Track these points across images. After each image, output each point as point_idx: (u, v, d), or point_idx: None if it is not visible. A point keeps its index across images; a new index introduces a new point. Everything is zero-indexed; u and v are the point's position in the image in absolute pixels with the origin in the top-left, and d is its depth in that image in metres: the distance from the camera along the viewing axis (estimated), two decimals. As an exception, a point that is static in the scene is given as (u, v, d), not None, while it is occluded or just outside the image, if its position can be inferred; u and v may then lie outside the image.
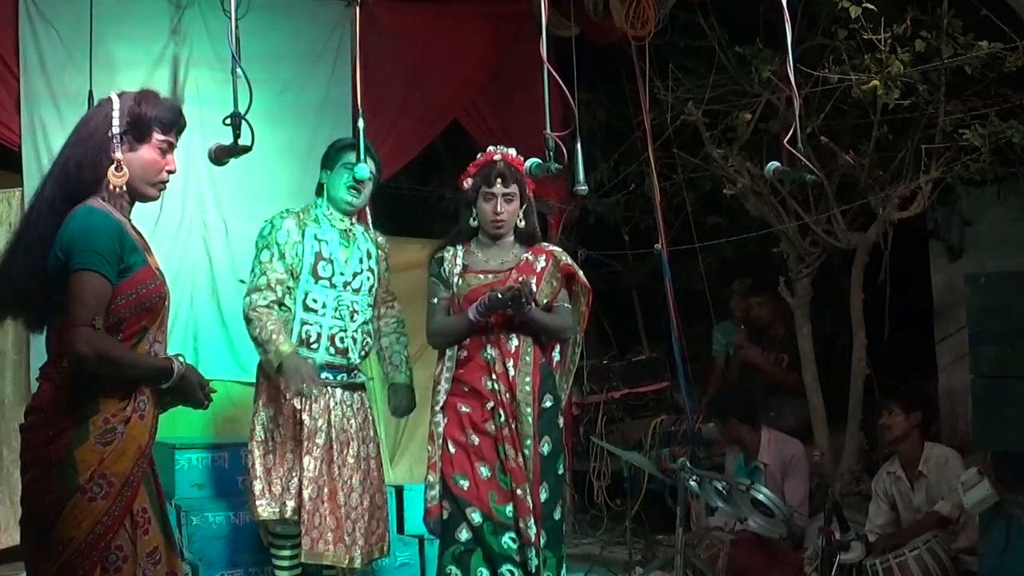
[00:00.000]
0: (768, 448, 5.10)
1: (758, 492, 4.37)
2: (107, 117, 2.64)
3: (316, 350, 4.01)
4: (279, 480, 3.98)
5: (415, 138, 5.69)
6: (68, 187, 2.60)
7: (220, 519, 4.67)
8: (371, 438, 4.16)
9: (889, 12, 4.74)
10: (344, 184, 4.10)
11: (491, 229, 3.85)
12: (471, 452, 3.74)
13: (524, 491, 3.68)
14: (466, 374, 3.80)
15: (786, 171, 3.27)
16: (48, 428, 2.55)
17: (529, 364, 3.78)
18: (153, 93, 2.72)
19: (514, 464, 3.70)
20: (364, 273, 4.14)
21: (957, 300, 5.47)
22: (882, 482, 4.79)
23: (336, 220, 4.13)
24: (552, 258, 3.88)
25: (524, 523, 3.67)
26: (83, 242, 2.53)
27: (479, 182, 3.84)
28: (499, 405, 3.73)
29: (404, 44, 5.68)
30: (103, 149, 2.62)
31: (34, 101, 4.83)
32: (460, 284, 3.83)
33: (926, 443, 4.64)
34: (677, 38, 5.71)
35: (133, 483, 2.60)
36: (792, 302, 5.75)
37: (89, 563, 2.54)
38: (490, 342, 3.77)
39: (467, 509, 3.67)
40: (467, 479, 3.71)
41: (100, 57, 4.84)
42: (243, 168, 3.79)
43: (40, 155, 4.79)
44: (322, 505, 3.95)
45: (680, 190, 6.02)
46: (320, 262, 4.06)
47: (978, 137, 4.73)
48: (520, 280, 3.76)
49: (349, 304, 4.07)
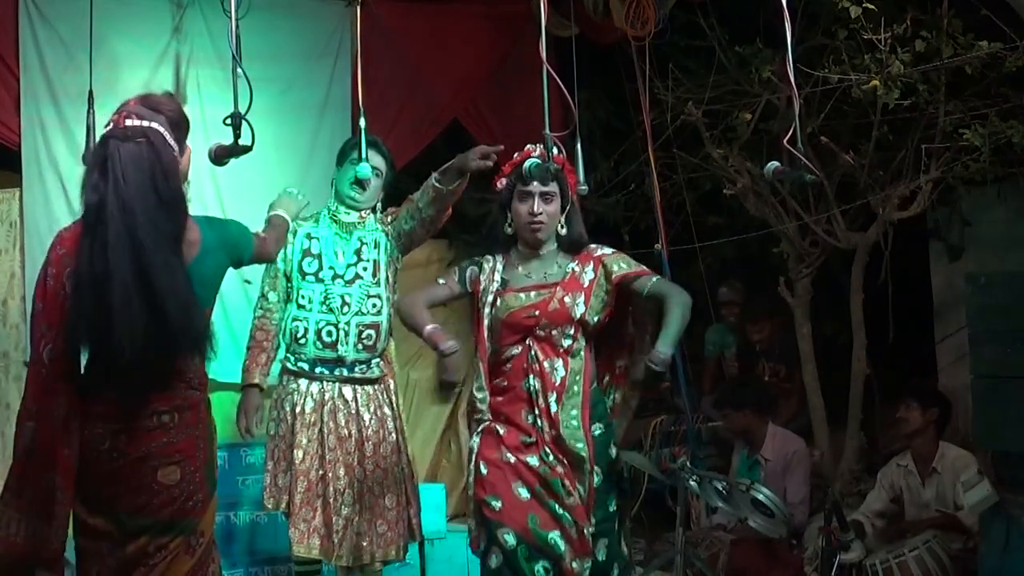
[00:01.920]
0: (772, 443, 5.12)
1: (758, 492, 4.37)
2: (168, 149, 2.75)
3: (304, 345, 4.03)
4: (281, 474, 4.02)
5: (415, 138, 5.69)
6: (175, 221, 2.73)
7: (220, 519, 4.65)
8: (383, 438, 4.07)
9: (889, 12, 4.74)
10: (348, 181, 4.12)
11: (527, 233, 3.40)
12: (507, 471, 3.32)
13: (587, 529, 3.30)
14: (504, 404, 3.40)
15: (785, 171, 3.26)
16: (194, 428, 2.76)
17: (578, 395, 3.37)
18: (169, 97, 2.89)
19: (576, 501, 3.30)
20: (361, 263, 4.10)
21: (957, 300, 5.48)
22: (890, 473, 4.80)
23: (342, 214, 4.14)
24: (601, 266, 3.44)
25: (580, 565, 3.27)
26: (238, 226, 2.98)
27: (513, 180, 3.42)
28: (542, 443, 3.33)
29: (404, 44, 5.68)
30: (179, 174, 2.81)
31: (34, 101, 4.82)
32: (499, 305, 3.40)
33: (941, 442, 4.65)
34: (677, 38, 5.70)
35: None
36: (792, 302, 5.76)
37: (211, 552, 2.78)
38: (532, 372, 3.35)
39: (499, 531, 3.25)
40: (499, 499, 3.29)
41: (102, 56, 4.83)
42: (244, 166, 3.79)
43: (39, 155, 4.79)
44: (315, 500, 3.97)
45: (680, 190, 6.02)
46: (306, 258, 4.08)
47: (978, 137, 4.73)
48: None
49: (340, 296, 4.05)
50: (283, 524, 4.12)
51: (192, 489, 2.71)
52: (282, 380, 4.11)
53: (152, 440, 2.67)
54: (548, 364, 3.35)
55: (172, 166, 2.72)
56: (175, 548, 2.69)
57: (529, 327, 3.37)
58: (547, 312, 3.36)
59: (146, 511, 2.67)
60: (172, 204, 2.69)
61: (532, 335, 3.38)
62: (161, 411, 2.69)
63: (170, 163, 2.71)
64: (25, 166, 4.82)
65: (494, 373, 3.41)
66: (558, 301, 3.36)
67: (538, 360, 3.36)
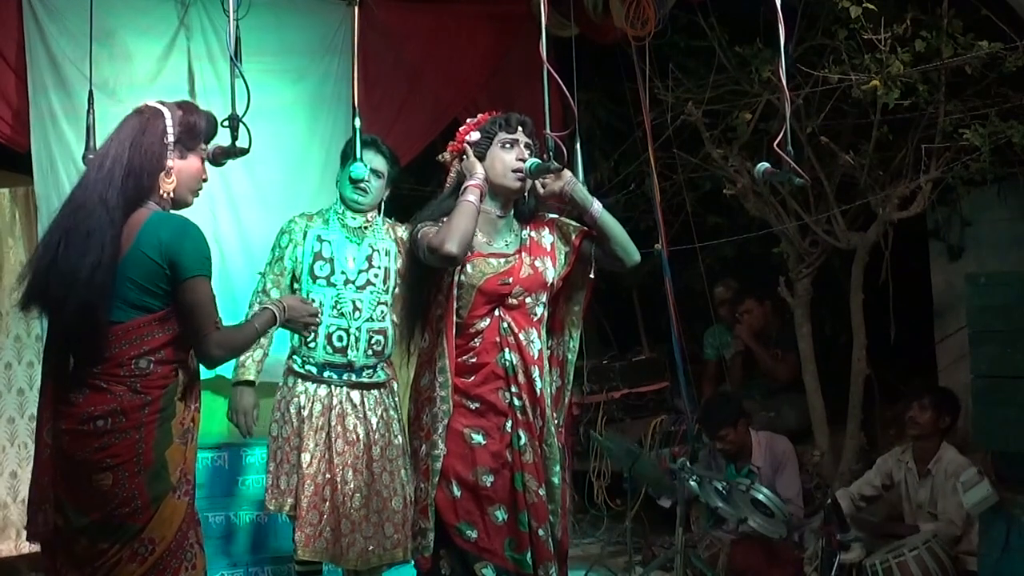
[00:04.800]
0: (759, 450, 5.14)
1: (758, 492, 4.38)
2: (161, 125, 2.75)
3: (314, 349, 4.03)
4: (284, 476, 4.02)
5: (415, 137, 5.69)
6: (128, 191, 2.68)
7: (220, 519, 4.69)
8: (390, 441, 4.08)
9: (889, 12, 4.73)
10: (348, 183, 4.12)
11: (511, 182, 3.13)
12: (482, 495, 3.05)
13: (546, 531, 3.05)
14: (476, 386, 3.09)
15: (775, 172, 3.26)
16: (133, 431, 2.64)
17: (570, 374, 3.22)
18: (194, 104, 2.87)
19: (536, 498, 3.06)
20: (373, 270, 4.11)
21: (957, 300, 5.47)
22: (889, 463, 4.81)
23: (349, 218, 4.14)
24: (556, 228, 3.27)
25: (544, 570, 3.04)
26: (197, 251, 2.68)
27: (494, 129, 3.19)
28: (518, 425, 3.07)
29: (404, 44, 5.69)
30: (160, 157, 2.73)
31: (42, 97, 4.82)
32: (471, 271, 3.11)
33: (943, 443, 4.65)
34: (677, 38, 5.71)
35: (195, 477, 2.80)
36: (792, 302, 5.75)
37: (176, 561, 2.67)
38: (508, 345, 3.10)
39: (476, 565, 3.02)
40: (475, 528, 3.04)
41: (109, 49, 4.86)
42: (247, 164, 3.79)
43: (52, 152, 4.79)
44: (323, 504, 3.96)
45: (680, 190, 6.01)
46: (317, 262, 4.07)
47: (978, 137, 4.72)
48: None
49: (351, 301, 4.06)
50: (284, 524, 4.13)
51: (127, 496, 2.61)
52: (287, 381, 4.10)
53: (87, 445, 2.63)
54: (524, 336, 3.11)
55: (152, 146, 2.71)
56: (115, 555, 2.62)
57: (503, 295, 3.13)
58: (521, 278, 3.14)
59: (84, 510, 2.65)
60: (135, 176, 2.68)
61: (503, 304, 3.13)
62: (96, 416, 2.63)
63: (152, 142, 2.72)
64: (36, 161, 4.82)
65: (459, 350, 3.10)
66: (529, 266, 3.16)
67: (512, 332, 3.11)
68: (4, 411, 5.25)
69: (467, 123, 3.32)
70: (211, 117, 2.86)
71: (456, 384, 3.09)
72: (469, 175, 3.13)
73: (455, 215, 3.01)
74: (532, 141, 3.21)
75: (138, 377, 2.64)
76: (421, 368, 3.18)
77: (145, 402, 2.64)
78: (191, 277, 2.65)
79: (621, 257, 3.19)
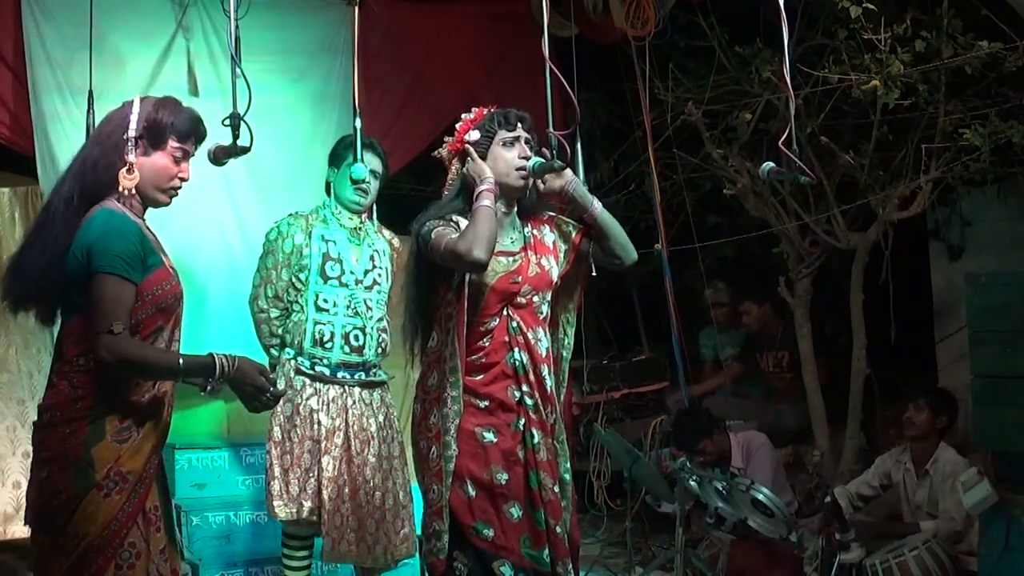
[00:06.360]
0: (739, 450, 5.17)
1: (758, 492, 4.38)
2: (125, 120, 2.69)
3: (331, 349, 4.02)
4: (296, 481, 3.96)
5: (415, 137, 5.69)
6: (85, 186, 2.65)
7: (220, 519, 4.68)
8: (393, 437, 4.12)
9: (889, 12, 4.73)
10: (348, 185, 4.11)
11: (514, 181, 3.09)
12: (497, 493, 3.01)
13: (563, 528, 3.04)
14: (485, 384, 3.07)
15: (781, 172, 3.26)
16: (65, 426, 2.61)
17: (564, 371, 3.21)
18: (174, 100, 2.77)
19: (552, 496, 3.03)
20: (377, 270, 4.14)
21: (957, 300, 5.47)
22: (887, 464, 4.81)
23: (345, 219, 4.14)
24: (554, 225, 3.26)
25: (563, 567, 3.02)
26: (104, 245, 2.57)
27: (493, 127, 3.13)
28: (532, 424, 3.05)
29: (405, 44, 5.69)
30: (118, 151, 2.66)
31: (47, 95, 4.82)
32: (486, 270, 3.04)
33: (940, 444, 4.66)
34: (677, 38, 5.70)
35: (146, 481, 2.67)
36: (792, 302, 5.76)
37: (103, 559, 2.60)
38: (517, 344, 3.07)
39: (494, 563, 2.98)
40: (492, 527, 3.00)
41: (107, 52, 4.85)
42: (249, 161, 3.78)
43: (55, 154, 4.78)
44: (343, 505, 3.95)
45: (680, 190, 6.01)
46: (328, 262, 4.07)
47: (978, 137, 4.72)
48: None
49: (363, 301, 4.07)
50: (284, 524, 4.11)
51: (55, 489, 2.59)
52: (294, 383, 4.04)
53: (34, 438, 2.67)
54: (532, 335, 3.09)
55: (111, 138, 2.68)
56: (41, 543, 2.64)
57: (513, 294, 3.10)
58: (529, 277, 3.12)
59: (29, 502, 2.68)
60: (91, 169, 2.66)
61: (512, 304, 3.10)
62: (42, 410, 2.65)
63: (111, 134, 2.68)
64: (40, 162, 4.81)
65: (468, 350, 3.06)
66: (536, 265, 3.14)
67: (521, 331, 3.08)
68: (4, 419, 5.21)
69: (464, 119, 3.23)
70: (194, 116, 2.75)
71: (465, 383, 3.05)
72: (480, 180, 3.08)
73: (477, 221, 2.97)
74: (532, 136, 3.18)
75: (77, 373, 2.62)
76: (429, 368, 3.12)
77: (77, 396, 2.61)
78: (94, 273, 2.56)
79: (620, 255, 3.22)
